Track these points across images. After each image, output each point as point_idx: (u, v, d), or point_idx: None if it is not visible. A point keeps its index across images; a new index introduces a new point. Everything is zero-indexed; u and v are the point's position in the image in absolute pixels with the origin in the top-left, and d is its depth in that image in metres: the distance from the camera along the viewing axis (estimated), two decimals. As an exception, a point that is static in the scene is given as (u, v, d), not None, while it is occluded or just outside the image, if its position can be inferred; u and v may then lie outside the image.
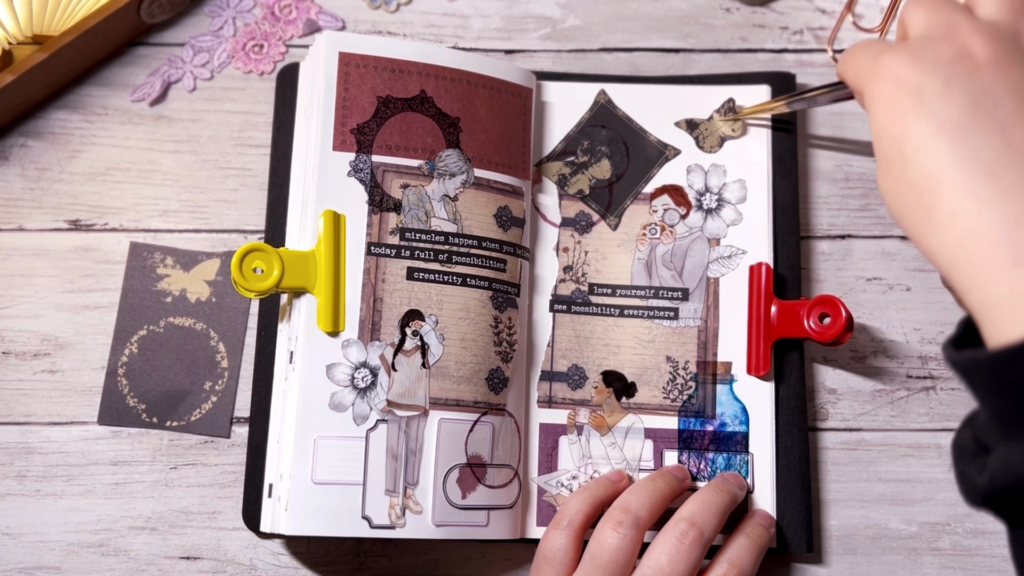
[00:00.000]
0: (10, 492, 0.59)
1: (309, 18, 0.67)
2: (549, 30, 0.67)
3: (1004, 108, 0.38)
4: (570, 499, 0.55)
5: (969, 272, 0.37)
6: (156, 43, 0.66)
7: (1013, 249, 0.36)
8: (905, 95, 0.39)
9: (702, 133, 0.63)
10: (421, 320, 0.56)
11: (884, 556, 0.59)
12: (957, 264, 0.37)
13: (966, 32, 0.40)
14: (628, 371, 0.60)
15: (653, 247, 0.61)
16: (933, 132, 0.38)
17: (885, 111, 0.40)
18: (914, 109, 0.39)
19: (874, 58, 0.42)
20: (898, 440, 0.61)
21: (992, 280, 0.36)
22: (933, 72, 0.39)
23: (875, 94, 0.41)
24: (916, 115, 0.39)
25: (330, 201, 0.56)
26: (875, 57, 0.42)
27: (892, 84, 0.40)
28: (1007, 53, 0.39)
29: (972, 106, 0.38)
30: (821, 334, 0.57)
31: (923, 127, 0.39)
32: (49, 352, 0.61)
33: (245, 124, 0.65)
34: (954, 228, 0.37)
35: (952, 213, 0.37)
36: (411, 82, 0.58)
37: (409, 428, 0.55)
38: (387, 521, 0.53)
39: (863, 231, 0.64)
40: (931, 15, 0.41)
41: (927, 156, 0.38)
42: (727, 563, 0.53)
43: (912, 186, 0.39)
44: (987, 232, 0.36)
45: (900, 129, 0.40)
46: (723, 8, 0.68)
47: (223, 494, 0.59)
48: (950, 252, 0.38)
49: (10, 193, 0.63)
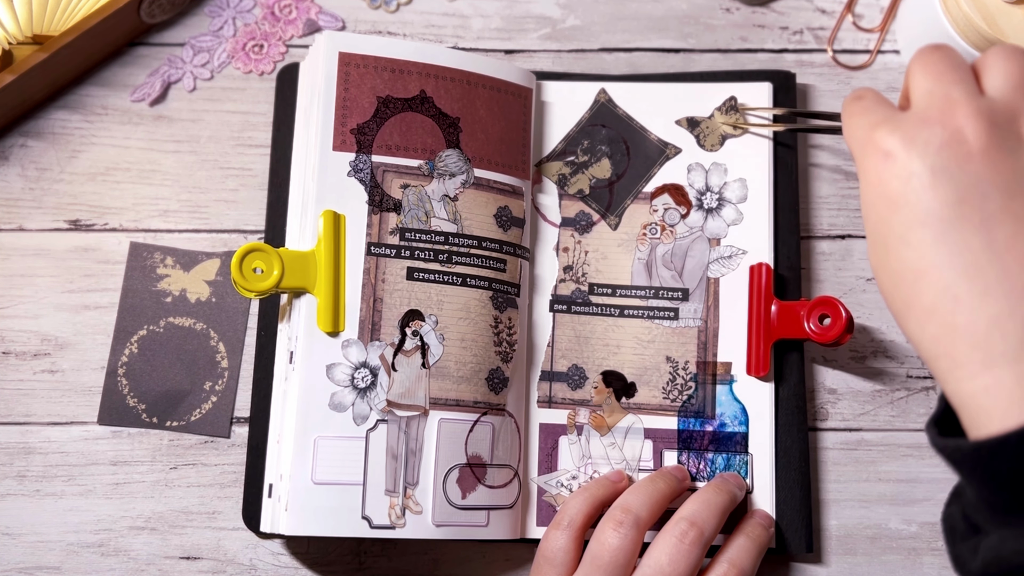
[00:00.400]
0: (10, 492, 0.59)
1: (309, 18, 0.67)
2: (549, 30, 0.67)
3: (991, 204, 0.38)
4: (570, 499, 0.55)
5: (946, 365, 0.38)
6: (156, 43, 0.66)
7: (988, 349, 0.36)
8: (893, 179, 0.39)
9: (703, 131, 0.63)
10: (421, 320, 0.56)
11: (884, 556, 0.59)
12: (934, 356, 0.38)
13: (963, 115, 0.39)
14: (628, 371, 0.60)
15: (653, 247, 0.61)
16: (916, 223, 0.38)
17: (872, 189, 0.40)
18: (901, 196, 0.39)
19: (869, 128, 0.41)
20: (898, 440, 0.61)
21: (968, 376, 0.37)
22: (923, 158, 0.38)
23: (865, 169, 0.41)
24: (902, 203, 0.39)
25: (330, 201, 0.56)
26: (870, 128, 0.41)
27: (882, 163, 0.40)
28: (1001, 142, 0.38)
29: (958, 200, 0.38)
30: (821, 335, 0.57)
31: (907, 216, 0.38)
32: (49, 352, 0.61)
33: (245, 124, 0.65)
34: (931, 322, 0.38)
35: (930, 307, 0.38)
36: (411, 82, 0.58)
37: (409, 428, 0.55)
38: (387, 521, 0.53)
39: (863, 231, 0.64)
40: (933, 85, 0.40)
41: (909, 248, 0.38)
42: (727, 563, 0.53)
43: (894, 273, 0.39)
44: (963, 330, 0.37)
45: (886, 213, 0.39)
46: (723, 8, 0.68)
47: (223, 494, 0.59)
48: (928, 343, 0.38)
49: (10, 193, 0.63)
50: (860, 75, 0.66)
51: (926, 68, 0.41)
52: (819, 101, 0.66)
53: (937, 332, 0.38)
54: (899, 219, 0.39)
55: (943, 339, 0.37)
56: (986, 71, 0.40)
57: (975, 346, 0.37)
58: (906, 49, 0.66)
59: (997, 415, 0.36)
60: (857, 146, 0.42)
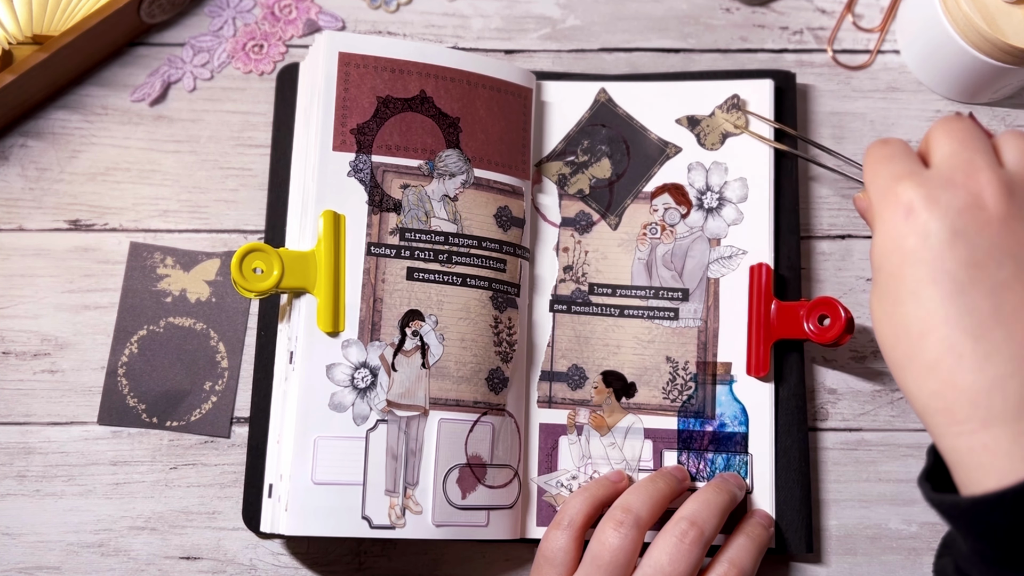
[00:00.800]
0: (10, 492, 0.59)
1: (309, 18, 0.67)
2: (549, 30, 0.67)
3: (1004, 271, 0.39)
4: (570, 499, 0.55)
5: (941, 421, 0.39)
6: (156, 43, 0.66)
7: (988, 408, 0.38)
8: (912, 234, 0.40)
9: (703, 130, 0.63)
10: (421, 320, 0.56)
11: (884, 556, 0.59)
12: (932, 410, 0.39)
13: (984, 181, 0.40)
14: (628, 371, 0.60)
15: (653, 247, 0.61)
16: (929, 281, 0.39)
17: (889, 240, 0.41)
18: (917, 252, 0.40)
19: (892, 179, 0.42)
20: (898, 440, 0.61)
21: (966, 432, 0.38)
22: (943, 219, 0.40)
23: (883, 219, 0.42)
24: (917, 259, 0.40)
25: (330, 201, 0.56)
26: (894, 178, 0.42)
27: (902, 216, 0.41)
28: (1018, 211, 0.40)
29: (973, 264, 0.39)
30: (820, 336, 0.57)
31: (921, 272, 0.40)
32: (49, 352, 0.61)
33: (245, 124, 0.65)
34: (933, 377, 0.39)
35: (932, 363, 0.39)
36: (411, 82, 0.58)
37: (409, 428, 0.55)
38: (387, 521, 0.54)
39: (863, 231, 0.64)
40: (956, 148, 0.42)
41: (918, 303, 0.40)
42: (727, 562, 0.53)
43: (899, 326, 0.41)
44: (964, 388, 0.38)
45: (899, 266, 0.41)
46: (723, 8, 0.68)
47: (223, 494, 0.59)
48: (926, 398, 0.39)
49: (10, 193, 0.63)
50: (860, 75, 0.66)
51: (951, 133, 0.42)
52: (819, 101, 0.66)
53: (937, 388, 0.39)
54: (912, 274, 0.40)
55: (943, 395, 0.39)
56: (1004, 145, 0.42)
57: (975, 404, 0.38)
58: (906, 49, 0.66)
59: (994, 472, 0.37)
60: (878, 193, 0.43)
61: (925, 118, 0.66)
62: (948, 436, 0.39)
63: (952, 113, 0.44)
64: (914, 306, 0.40)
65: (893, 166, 0.43)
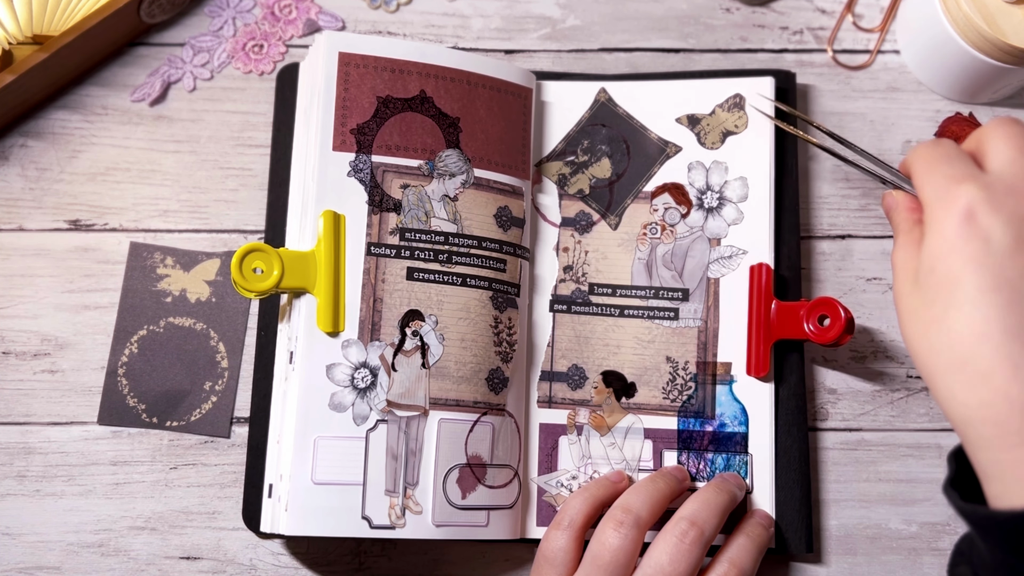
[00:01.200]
0: (10, 492, 0.59)
1: (309, 18, 0.67)
2: (549, 30, 0.67)
3: None
4: (570, 499, 0.55)
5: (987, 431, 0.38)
6: (156, 43, 0.66)
7: None
8: (974, 238, 0.39)
9: (704, 128, 0.63)
10: (421, 320, 0.56)
11: (884, 556, 0.59)
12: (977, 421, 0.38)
13: None
14: (628, 371, 0.60)
15: (653, 247, 0.61)
16: (991, 288, 0.38)
17: (946, 243, 0.40)
18: (978, 257, 0.39)
19: (952, 181, 0.41)
20: (898, 440, 0.61)
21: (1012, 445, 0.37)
22: (1008, 225, 0.39)
23: (940, 220, 0.41)
24: (978, 264, 0.39)
25: (330, 201, 0.56)
26: (953, 180, 0.41)
27: (962, 219, 0.40)
28: None
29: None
30: (820, 336, 0.57)
31: (983, 279, 0.39)
32: (49, 352, 0.61)
33: (245, 124, 0.65)
34: (983, 387, 0.38)
35: (986, 372, 0.38)
36: (411, 82, 0.58)
37: (409, 428, 0.55)
38: (387, 521, 0.54)
39: (863, 231, 0.64)
40: (1016, 155, 0.41)
41: (976, 310, 0.39)
42: (728, 562, 0.53)
43: (949, 332, 0.39)
44: (1016, 399, 0.37)
45: (957, 272, 0.39)
46: (723, 8, 0.68)
47: (223, 494, 0.59)
48: (972, 408, 0.38)
49: (10, 193, 0.63)
50: (860, 75, 0.66)
51: (1011, 139, 0.41)
52: (819, 101, 0.66)
53: (989, 397, 0.38)
54: (973, 279, 0.39)
55: (995, 405, 0.38)
56: None
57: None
58: (906, 49, 0.66)
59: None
60: (933, 195, 0.42)
61: (925, 118, 0.66)
62: (993, 448, 0.38)
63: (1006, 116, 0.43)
64: (973, 312, 0.39)
65: (950, 168, 0.42)
